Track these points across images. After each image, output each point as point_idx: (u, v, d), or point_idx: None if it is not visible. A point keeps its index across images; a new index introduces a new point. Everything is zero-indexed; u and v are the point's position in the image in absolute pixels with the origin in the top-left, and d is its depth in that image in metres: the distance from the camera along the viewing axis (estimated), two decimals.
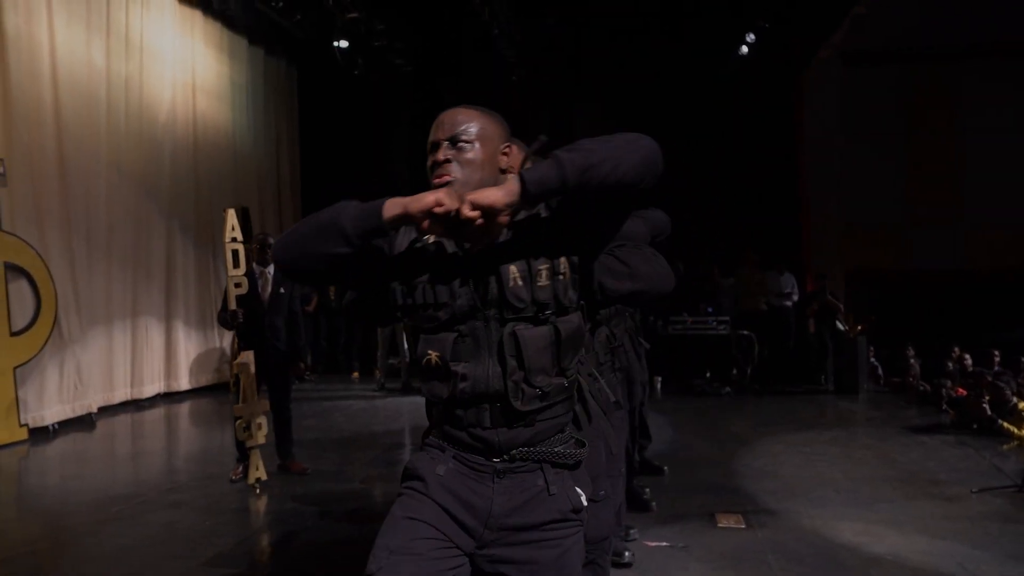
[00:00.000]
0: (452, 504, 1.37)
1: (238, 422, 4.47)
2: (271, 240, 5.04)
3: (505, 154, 1.47)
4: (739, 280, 9.53)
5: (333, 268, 1.35)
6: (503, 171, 1.45)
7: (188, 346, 8.56)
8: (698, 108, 10.47)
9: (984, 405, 5.95)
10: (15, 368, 5.65)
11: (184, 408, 7.96)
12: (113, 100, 7.22)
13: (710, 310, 9.23)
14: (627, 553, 3.25)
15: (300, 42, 10.27)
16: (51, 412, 6.12)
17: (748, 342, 8.80)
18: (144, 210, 7.82)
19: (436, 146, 1.44)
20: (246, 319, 4.60)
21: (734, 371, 8.67)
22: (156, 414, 7.61)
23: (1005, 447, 5.50)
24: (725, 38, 9.85)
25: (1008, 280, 9.49)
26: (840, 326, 8.74)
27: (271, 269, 4.91)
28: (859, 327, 8.55)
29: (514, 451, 1.37)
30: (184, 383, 8.43)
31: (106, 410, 7.18)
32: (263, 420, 4.54)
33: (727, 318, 8.94)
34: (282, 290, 4.87)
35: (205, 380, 8.73)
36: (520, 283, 1.34)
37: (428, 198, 1.27)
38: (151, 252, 7.97)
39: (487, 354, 1.34)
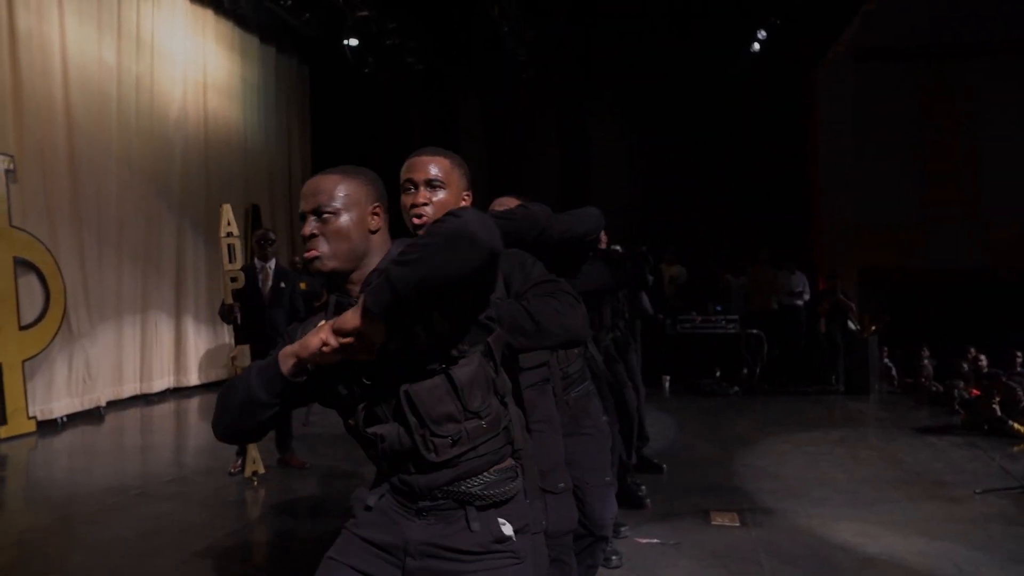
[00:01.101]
0: (376, 535, 1.42)
1: None
2: (272, 236, 5.08)
3: (376, 215, 1.44)
4: (750, 279, 9.45)
5: (275, 419, 1.42)
6: (373, 232, 1.44)
7: (198, 341, 8.63)
8: (708, 107, 10.41)
9: (994, 406, 5.85)
10: (24, 361, 5.74)
11: (193, 403, 8.03)
12: (124, 98, 7.30)
13: (718, 309, 9.16)
14: (615, 557, 3.21)
15: (311, 40, 10.33)
16: (59, 405, 6.20)
17: (758, 341, 8.71)
18: (155, 207, 7.91)
19: (304, 217, 1.43)
20: (246, 313, 4.63)
21: (744, 371, 8.59)
22: (165, 408, 7.69)
23: (1015, 448, 5.39)
24: (735, 36, 9.78)
25: None
26: (852, 326, 8.63)
27: (272, 264, 4.94)
28: (873, 327, 8.44)
29: (436, 491, 1.39)
30: (194, 378, 8.51)
31: (115, 404, 7.26)
32: None
33: (736, 317, 8.86)
34: (282, 285, 4.90)
35: (215, 375, 8.80)
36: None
37: (313, 342, 1.28)
38: (161, 248, 8.05)
39: (391, 416, 1.37)
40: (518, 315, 1.58)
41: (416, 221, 1.74)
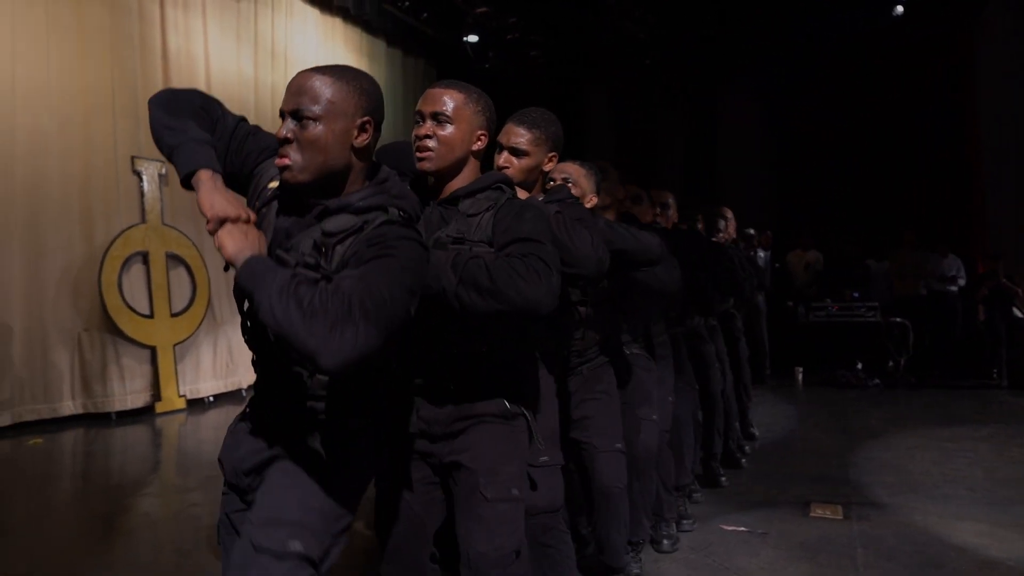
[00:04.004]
0: (227, 457, 1.59)
1: None
2: None
3: (364, 130, 1.37)
4: (894, 263, 8.65)
5: None
6: (357, 149, 1.38)
7: None
8: (848, 77, 9.62)
9: None
10: (174, 345, 6.39)
11: None
12: (260, 105, 7.92)
13: (855, 295, 8.45)
14: (666, 541, 3.05)
15: (436, 40, 10.67)
16: (206, 386, 6.85)
17: (902, 330, 7.96)
18: None
19: (283, 116, 1.38)
20: None
21: (890, 363, 7.87)
22: None
23: None
24: None
25: None
26: (1018, 313, 7.67)
27: None
28: None
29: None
30: None
31: None
32: None
33: (876, 304, 8.14)
34: None
35: None
36: None
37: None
38: None
39: None
40: (476, 271, 1.51)
41: (418, 155, 1.68)
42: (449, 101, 1.66)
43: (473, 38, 9.84)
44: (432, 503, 1.75)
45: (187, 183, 1.34)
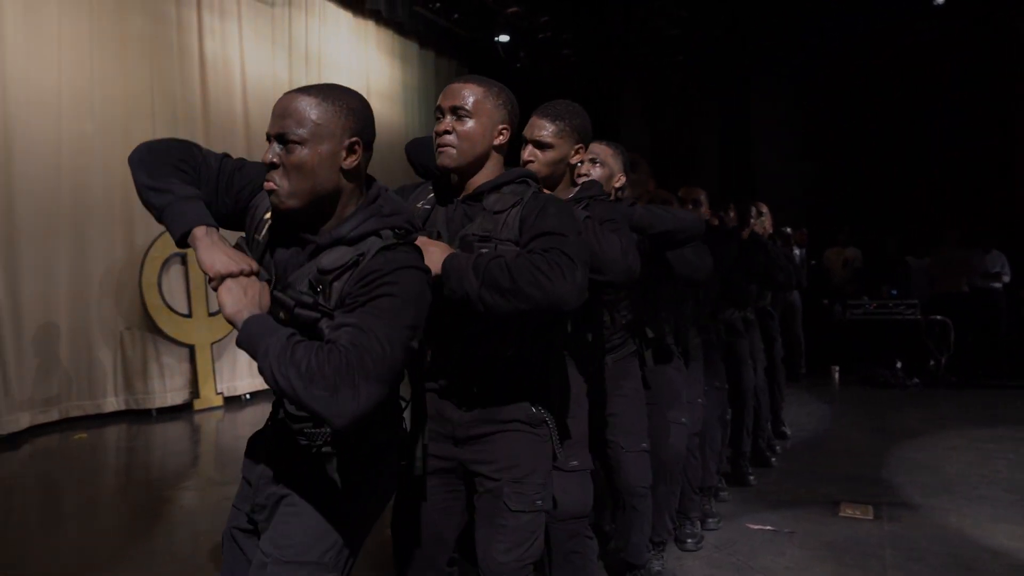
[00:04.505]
0: (246, 472, 1.57)
1: None
2: None
3: (352, 151, 1.33)
4: (934, 260, 8.43)
5: None
6: (346, 172, 1.34)
7: None
8: (887, 59, 9.33)
9: None
10: (212, 344, 6.55)
11: None
12: None
13: (893, 293, 8.27)
14: (690, 540, 3.04)
15: (468, 41, 10.72)
16: (242, 384, 7.00)
17: (943, 328, 7.76)
18: None
19: (269, 139, 1.34)
20: None
21: (930, 362, 7.68)
22: None
23: None
24: None
25: None
26: None
27: None
28: None
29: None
30: None
31: None
32: None
33: (915, 302, 7.95)
34: None
35: None
36: None
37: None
38: None
39: None
40: (498, 272, 1.46)
41: (439, 151, 1.65)
42: (468, 95, 1.64)
43: (504, 38, 9.87)
44: (451, 512, 1.73)
45: (183, 243, 1.34)
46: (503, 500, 1.62)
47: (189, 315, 6.39)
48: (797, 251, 7.95)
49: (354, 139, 1.31)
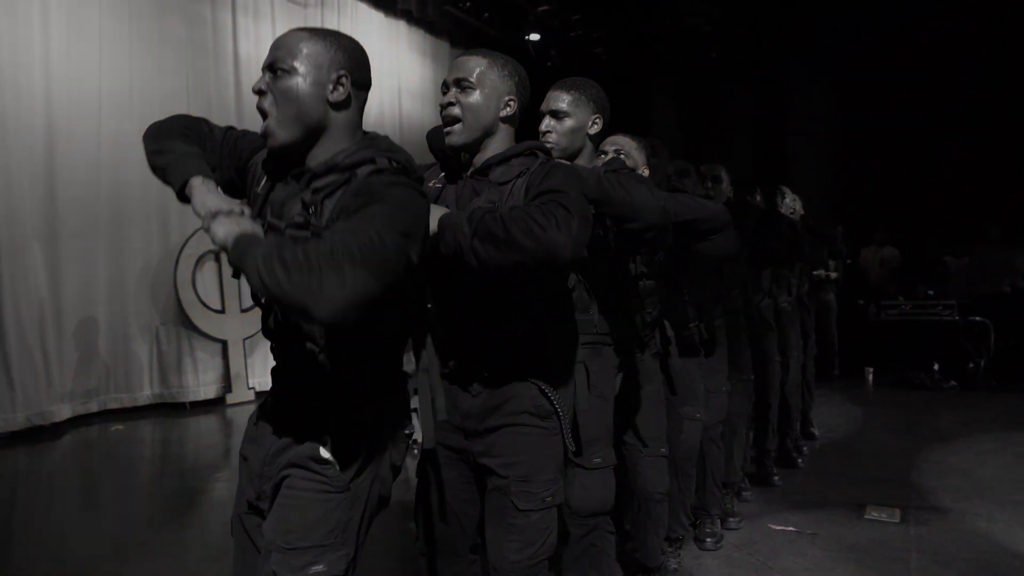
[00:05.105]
0: (248, 452, 1.55)
1: None
2: None
3: (340, 84, 1.34)
4: (974, 259, 8.22)
5: None
6: (334, 105, 1.35)
7: None
8: (925, 53, 9.08)
9: None
10: (244, 340, 6.69)
11: None
12: None
13: (930, 293, 8.07)
14: (709, 540, 3.02)
15: (498, 40, 10.75)
16: None
17: (983, 330, 7.56)
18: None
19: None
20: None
21: (969, 364, 7.48)
22: None
23: None
24: None
25: None
26: None
27: None
28: None
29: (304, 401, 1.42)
30: None
31: None
32: None
33: (953, 302, 7.75)
34: None
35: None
36: None
37: None
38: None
39: None
40: (492, 223, 1.43)
41: (445, 128, 1.65)
42: (473, 67, 1.63)
43: (535, 37, 9.88)
44: (470, 502, 1.73)
45: (182, 196, 1.35)
46: (511, 499, 1.60)
47: (222, 311, 6.54)
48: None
49: (342, 72, 1.33)
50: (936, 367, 7.54)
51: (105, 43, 5.78)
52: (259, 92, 1.33)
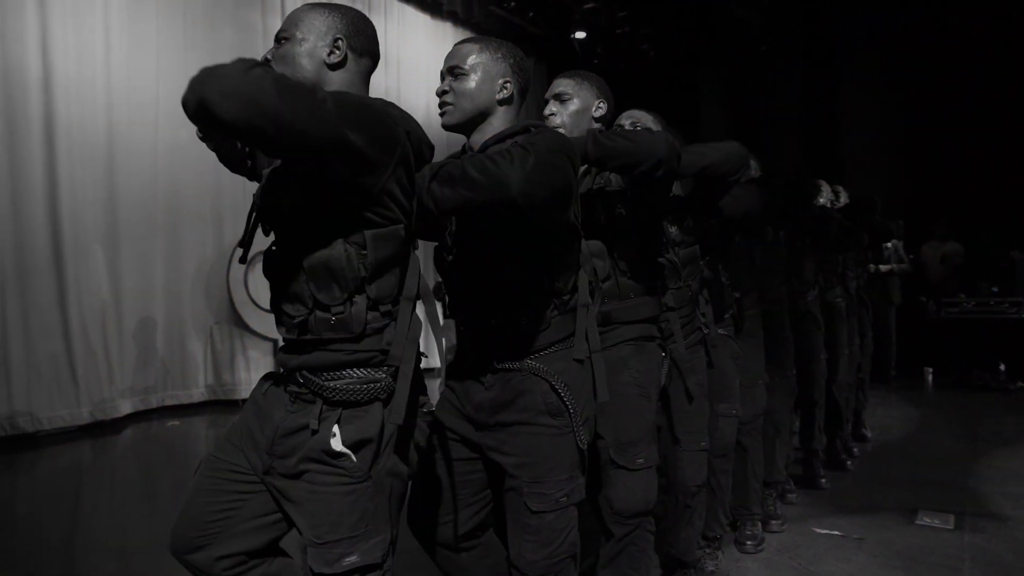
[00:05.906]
0: (252, 420, 1.46)
1: None
2: None
3: (336, 48, 1.44)
4: None
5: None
6: (330, 65, 1.44)
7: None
8: (987, 38, 8.66)
9: None
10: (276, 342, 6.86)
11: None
12: None
13: (995, 290, 7.73)
14: (749, 543, 2.95)
15: (544, 39, 10.73)
16: None
17: None
18: None
19: (277, 40, 1.47)
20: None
21: None
22: None
23: None
24: None
25: None
26: None
27: None
28: None
29: (296, 375, 1.36)
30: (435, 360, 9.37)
31: None
32: None
33: (1020, 300, 7.41)
34: None
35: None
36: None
37: None
38: None
39: None
40: (451, 167, 1.47)
41: (440, 113, 1.69)
42: (465, 53, 1.67)
43: (581, 35, 9.83)
44: (468, 483, 1.72)
45: None
46: (524, 500, 1.60)
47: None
48: (888, 245, 7.54)
49: (338, 36, 1.42)
50: (1002, 367, 7.22)
51: (162, 52, 6.00)
52: (265, 61, 1.41)
